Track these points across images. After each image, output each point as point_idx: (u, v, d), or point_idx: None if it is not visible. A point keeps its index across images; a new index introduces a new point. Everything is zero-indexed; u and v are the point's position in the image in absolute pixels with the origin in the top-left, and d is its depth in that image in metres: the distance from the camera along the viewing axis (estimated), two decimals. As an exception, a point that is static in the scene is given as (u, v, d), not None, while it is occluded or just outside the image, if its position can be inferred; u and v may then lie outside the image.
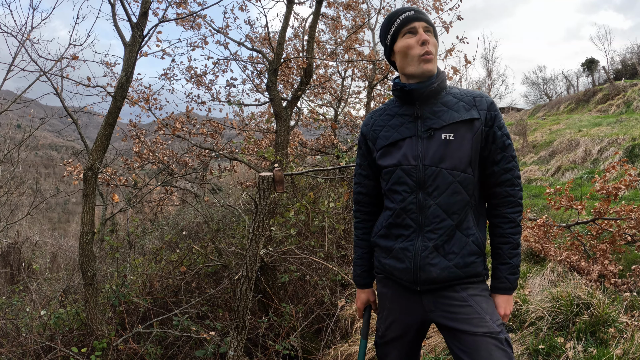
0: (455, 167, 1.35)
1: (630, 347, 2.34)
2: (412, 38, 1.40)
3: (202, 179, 5.52)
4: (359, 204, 1.64)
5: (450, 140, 1.36)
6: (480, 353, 1.29)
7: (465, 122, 1.37)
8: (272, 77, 4.90)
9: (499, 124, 1.41)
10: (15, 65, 4.87)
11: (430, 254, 1.37)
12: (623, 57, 27.65)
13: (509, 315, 1.45)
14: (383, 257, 1.50)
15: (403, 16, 1.41)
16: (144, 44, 2.99)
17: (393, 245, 1.45)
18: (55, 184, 30.16)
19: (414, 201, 1.39)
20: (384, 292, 1.55)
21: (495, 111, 1.41)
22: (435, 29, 1.46)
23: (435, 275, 1.37)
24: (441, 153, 1.36)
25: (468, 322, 1.34)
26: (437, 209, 1.36)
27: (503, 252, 1.44)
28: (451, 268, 1.37)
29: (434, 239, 1.37)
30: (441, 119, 1.39)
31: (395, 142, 1.44)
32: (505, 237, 1.44)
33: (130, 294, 3.27)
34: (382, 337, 1.57)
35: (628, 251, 3.95)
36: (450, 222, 1.37)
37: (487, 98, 1.42)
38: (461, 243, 1.38)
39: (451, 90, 1.47)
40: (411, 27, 1.40)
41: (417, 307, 1.45)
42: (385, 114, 1.52)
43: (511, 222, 1.43)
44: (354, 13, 7.54)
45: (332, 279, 3.77)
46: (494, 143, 1.40)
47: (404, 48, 1.41)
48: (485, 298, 1.41)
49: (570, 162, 10.33)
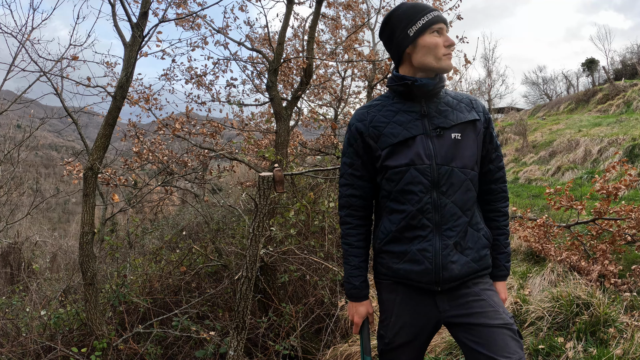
0: (465, 165, 1.40)
1: (630, 347, 2.34)
2: (440, 38, 1.42)
3: (202, 179, 5.52)
4: (351, 207, 1.53)
5: (458, 139, 1.40)
6: (498, 343, 1.32)
7: (470, 123, 1.44)
8: (272, 77, 4.90)
9: (492, 126, 1.52)
10: (15, 66, 4.88)
11: (451, 252, 1.38)
12: (623, 57, 27.66)
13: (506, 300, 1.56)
14: (395, 263, 1.44)
15: (434, 14, 1.41)
16: (144, 44, 2.99)
17: (408, 248, 1.40)
18: (55, 184, 30.15)
19: (430, 201, 1.37)
20: (391, 297, 1.50)
21: (488, 114, 1.52)
22: None
23: (457, 272, 1.38)
24: (452, 152, 1.39)
25: (484, 315, 1.37)
26: (453, 206, 1.39)
27: (500, 243, 1.54)
28: (470, 263, 1.41)
29: (453, 237, 1.39)
30: (448, 118, 1.42)
31: (405, 140, 1.39)
32: (500, 228, 1.54)
33: (130, 294, 3.27)
34: (389, 344, 1.51)
35: (628, 251, 3.95)
36: (465, 218, 1.41)
37: (480, 101, 1.53)
38: (474, 238, 1.43)
39: (447, 91, 1.52)
40: (439, 26, 1.42)
41: (430, 309, 1.44)
42: (385, 110, 1.45)
43: (504, 215, 1.55)
44: (354, 13, 7.54)
45: (332, 279, 3.77)
46: (490, 143, 1.50)
47: (432, 44, 1.39)
48: (494, 292, 1.46)
49: (570, 162, 10.34)
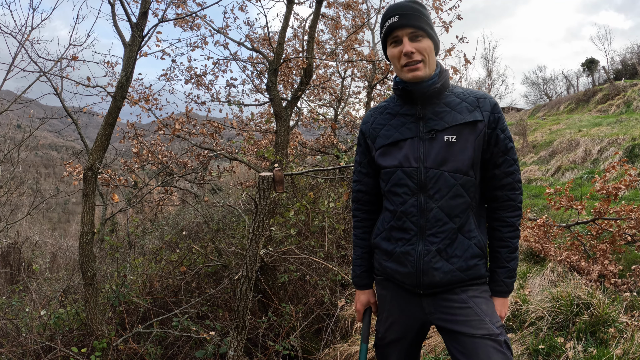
0: (458, 169, 1.33)
1: (630, 347, 2.34)
2: (397, 48, 1.35)
3: (201, 179, 5.52)
4: (359, 202, 1.59)
5: (452, 142, 1.33)
6: (479, 356, 1.29)
7: (469, 124, 1.34)
8: (272, 77, 4.90)
9: (502, 126, 1.37)
10: (15, 66, 4.88)
11: (433, 258, 1.35)
12: (623, 57, 27.68)
13: (505, 317, 1.45)
14: (384, 260, 1.47)
15: (387, 23, 1.35)
16: (144, 44, 2.99)
17: (394, 248, 1.42)
18: (55, 184, 30.17)
19: (415, 204, 1.36)
20: (384, 294, 1.54)
21: (499, 113, 1.37)
22: (430, 27, 1.37)
23: (438, 279, 1.35)
24: (443, 155, 1.33)
25: (467, 324, 1.33)
26: (439, 212, 1.34)
27: (501, 256, 1.43)
28: (454, 272, 1.35)
29: (436, 243, 1.35)
30: (444, 120, 1.36)
31: (396, 142, 1.40)
32: (504, 240, 1.42)
33: (130, 294, 3.27)
34: (382, 339, 1.56)
35: (628, 251, 3.95)
36: (452, 225, 1.35)
37: (490, 99, 1.38)
38: (464, 246, 1.36)
39: (454, 89, 1.43)
40: (394, 36, 1.35)
41: (417, 310, 1.44)
42: (386, 113, 1.48)
43: (510, 226, 1.41)
44: (354, 13, 7.54)
45: (332, 279, 3.77)
46: (496, 146, 1.37)
47: (390, 57, 1.39)
48: (486, 300, 1.39)
49: (570, 162, 10.33)
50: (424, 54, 1.34)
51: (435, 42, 1.39)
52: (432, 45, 1.36)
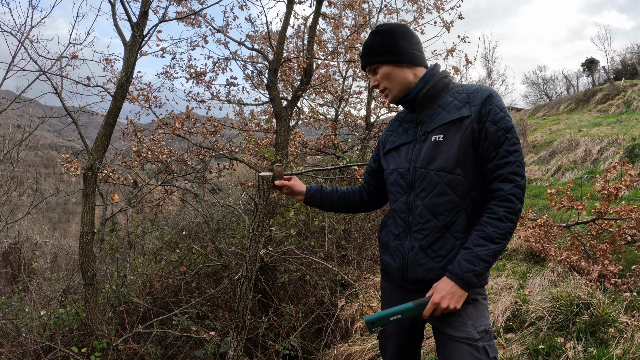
0: (442, 168, 1.34)
1: (630, 347, 2.34)
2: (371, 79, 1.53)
3: (201, 179, 5.52)
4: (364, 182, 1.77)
5: (439, 141, 1.36)
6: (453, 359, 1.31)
7: (455, 122, 1.33)
8: (272, 77, 4.90)
9: (494, 118, 1.30)
10: (14, 65, 4.86)
11: (417, 255, 1.40)
12: (623, 57, 27.70)
13: (443, 308, 1.28)
14: (382, 253, 1.57)
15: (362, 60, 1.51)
16: (144, 44, 2.98)
17: (389, 243, 1.52)
18: (55, 184, 30.13)
19: (405, 201, 1.44)
20: (385, 286, 1.62)
21: (490, 105, 1.31)
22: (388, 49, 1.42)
23: (421, 275, 1.39)
24: (430, 155, 1.37)
25: (449, 324, 1.35)
26: (423, 209, 1.38)
27: (470, 239, 1.31)
28: (438, 270, 1.35)
29: (419, 239, 1.39)
30: (434, 121, 1.40)
31: (397, 146, 1.51)
32: (480, 224, 1.31)
33: (130, 294, 3.26)
34: (383, 332, 1.61)
35: (628, 251, 3.95)
36: (436, 222, 1.35)
37: (483, 92, 1.34)
38: (449, 246, 1.35)
39: (452, 88, 1.43)
40: (368, 70, 1.52)
41: None
42: (397, 121, 1.61)
43: (492, 213, 1.30)
44: (355, 12, 7.52)
45: (332, 279, 3.77)
46: (486, 140, 1.30)
47: None
48: (474, 303, 1.36)
49: (571, 162, 10.34)
50: (383, 82, 1.47)
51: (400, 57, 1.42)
52: (392, 67, 1.44)
